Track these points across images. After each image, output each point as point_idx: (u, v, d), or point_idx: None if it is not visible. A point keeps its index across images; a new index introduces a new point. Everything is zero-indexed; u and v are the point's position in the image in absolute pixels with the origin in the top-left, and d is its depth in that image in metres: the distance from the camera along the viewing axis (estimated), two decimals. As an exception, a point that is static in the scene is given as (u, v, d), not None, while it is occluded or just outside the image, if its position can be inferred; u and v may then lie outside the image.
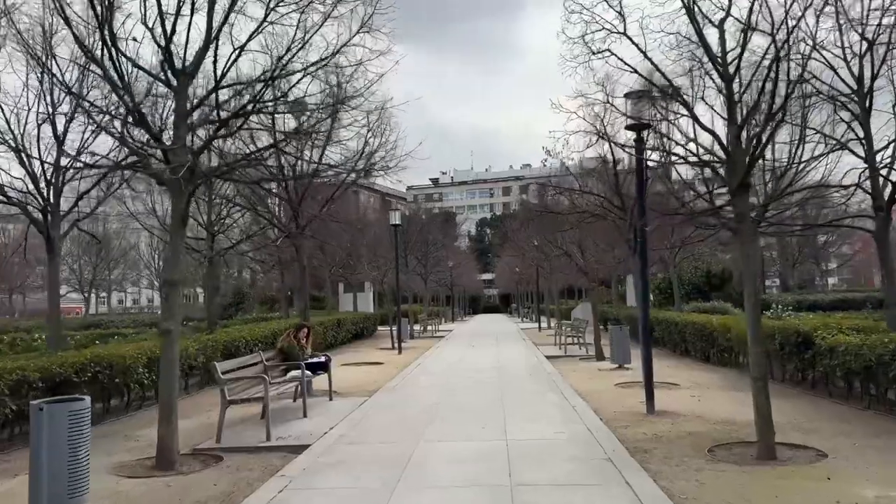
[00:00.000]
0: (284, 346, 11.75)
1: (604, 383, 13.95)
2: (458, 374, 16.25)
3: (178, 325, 8.09)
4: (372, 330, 32.58)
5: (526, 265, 43.31)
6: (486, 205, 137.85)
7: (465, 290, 78.61)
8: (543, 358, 19.71)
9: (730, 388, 12.70)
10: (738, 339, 14.75)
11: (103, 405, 11.18)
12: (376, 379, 15.63)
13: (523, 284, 62.68)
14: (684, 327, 18.43)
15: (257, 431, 9.19)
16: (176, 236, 8.10)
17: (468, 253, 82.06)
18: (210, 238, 16.81)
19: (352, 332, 28.32)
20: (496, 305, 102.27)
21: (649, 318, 11.17)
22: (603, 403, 11.33)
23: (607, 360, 18.45)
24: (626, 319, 26.58)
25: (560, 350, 22.10)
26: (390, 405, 11.64)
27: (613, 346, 16.38)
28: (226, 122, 7.97)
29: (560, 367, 17.32)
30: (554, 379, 14.63)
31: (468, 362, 19.13)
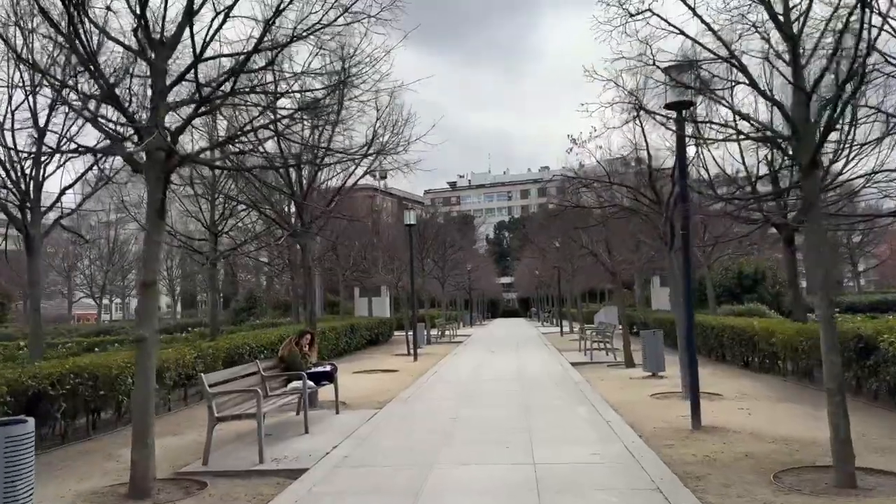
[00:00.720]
0: (285, 355, 10.68)
1: (637, 393, 12.70)
2: (478, 383, 15.08)
3: (154, 332, 7.04)
4: (388, 335, 31.51)
5: (546, 267, 42.03)
6: (504, 208, 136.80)
7: (484, 293, 77.44)
8: (568, 365, 18.47)
9: (781, 399, 11.40)
10: (784, 344, 13.46)
11: (88, 420, 10.18)
12: (389, 388, 14.52)
13: (543, 288, 61.37)
14: (721, 331, 17.11)
15: (252, 451, 8.09)
16: (153, 230, 7.05)
17: (486, 256, 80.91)
18: (213, 239, 15.83)
19: (366, 338, 27.26)
20: (515, 309, 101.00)
21: (692, 324, 9.89)
22: (640, 417, 10.11)
23: (638, 368, 17.17)
24: (654, 323, 25.29)
25: (585, 356, 20.84)
26: (402, 419, 10.50)
27: (646, 352, 15.12)
28: (207, 99, 6.91)
29: (587, 374, 16.09)
30: (582, 389, 13.41)
31: (488, 370, 17.95)
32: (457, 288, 51.36)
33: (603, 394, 12.67)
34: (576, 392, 13.04)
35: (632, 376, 15.29)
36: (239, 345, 14.82)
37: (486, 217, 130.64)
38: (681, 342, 12.52)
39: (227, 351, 14.19)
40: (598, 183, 12.91)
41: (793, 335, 13.00)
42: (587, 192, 13.44)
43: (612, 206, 12.81)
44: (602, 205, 12.90)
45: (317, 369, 10.74)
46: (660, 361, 15.01)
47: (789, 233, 14.69)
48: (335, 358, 22.35)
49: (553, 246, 32.13)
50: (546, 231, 33.39)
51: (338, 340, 22.40)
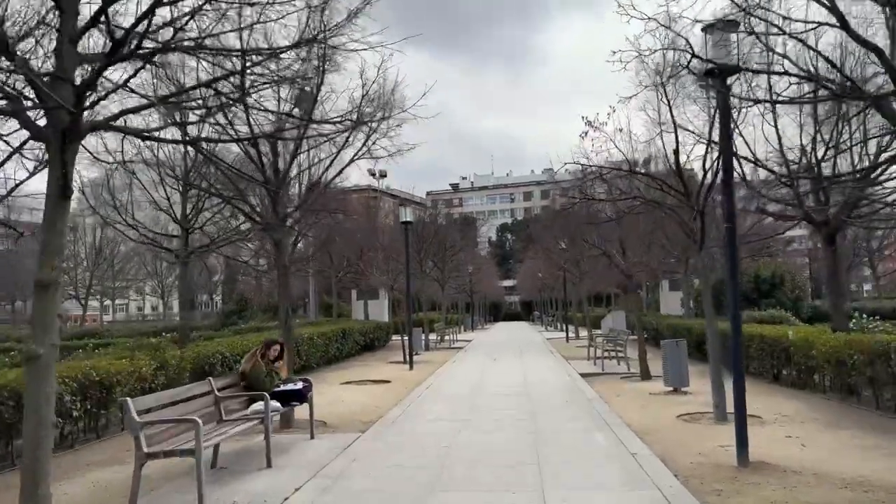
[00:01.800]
0: (247, 370, 9.00)
1: (661, 414, 11.04)
2: (478, 398, 13.40)
3: (53, 347, 5.37)
4: (384, 340, 29.85)
5: (550, 269, 40.36)
6: (506, 210, 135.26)
7: (486, 296, 75.85)
8: (578, 376, 16.79)
9: (832, 424, 9.72)
10: (827, 358, 11.79)
11: (6, 446, 8.54)
12: (378, 404, 12.85)
13: (546, 291, 59.70)
14: (748, 341, 15.39)
15: (193, 495, 6.44)
16: (54, 214, 5.41)
17: (488, 258, 79.30)
18: (184, 235, 14.19)
19: (360, 344, 25.59)
20: (517, 313, 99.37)
21: (740, 333, 8.22)
22: (671, 447, 8.44)
23: (656, 381, 15.50)
24: (667, 330, 23.61)
25: (595, 366, 19.16)
26: (387, 448, 8.84)
27: (667, 364, 13.44)
28: (122, 43, 5.27)
29: (600, 388, 14.42)
30: (597, 407, 11.73)
31: (489, 382, 16.27)
32: (458, 291, 49.70)
33: (622, 414, 11.01)
34: (590, 411, 11.36)
35: (651, 391, 13.61)
36: (210, 354, 13.18)
37: (489, 219, 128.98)
38: (712, 354, 10.87)
39: (194, 361, 12.56)
40: (616, 172, 11.24)
41: (840, 347, 11.32)
42: (602, 184, 11.77)
43: (633, 198, 11.14)
44: (620, 197, 11.24)
45: (286, 387, 9.07)
46: (683, 375, 13.33)
47: (831, 230, 13.00)
48: (325, 366, 20.73)
49: (559, 247, 30.46)
50: (551, 231, 31.71)
51: (328, 347, 20.74)
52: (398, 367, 20.63)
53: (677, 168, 10.85)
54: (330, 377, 17.99)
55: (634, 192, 11.35)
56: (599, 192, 12.02)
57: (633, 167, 11.08)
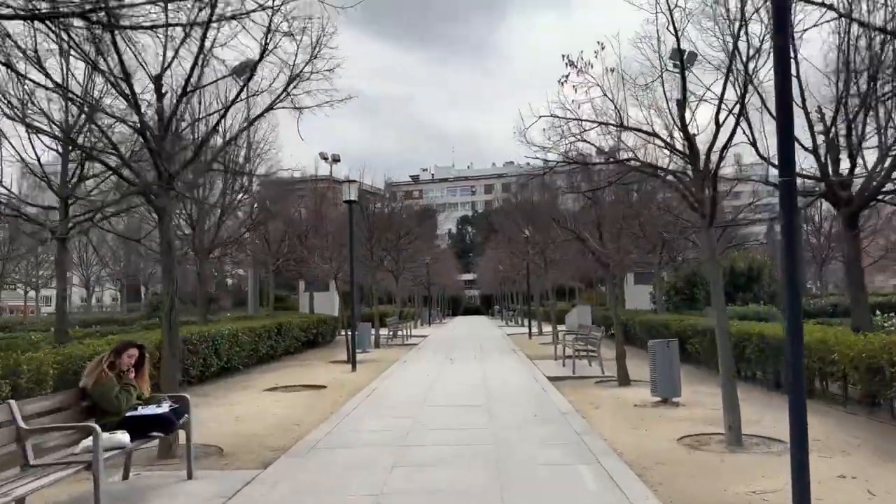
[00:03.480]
0: (89, 386, 6.28)
1: (658, 435, 8.68)
2: (427, 412, 10.86)
3: None
4: (330, 336, 27.10)
5: (512, 261, 38.12)
6: (467, 203, 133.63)
7: (445, 290, 73.55)
8: (546, 381, 14.42)
9: (887, 454, 7.46)
10: (853, 363, 9.63)
11: None
12: (301, 419, 10.24)
13: (507, 284, 57.61)
14: (743, 341, 13.21)
15: None
16: None
17: (448, 251, 77.00)
18: (63, 207, 11.30)
19: (301, 340, 22.84)
20: (477, 307, 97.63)
21: (801, 339, 5.77)
22: (685, 491, 6.07)
23: (636, 387, 13.25)
24: (641, 327, 21.48)
25: (564, 367, 16.85)
26: (290, 496, 6.24)
27: (656, 370, 11.12)
28: None
29: (574, 397, 12.06)
30: (574, 426, 9.31)
31: (443, 389, 13.76)
32: (415, 283, 47.17)
33: (607, 435, 8.62)
34: (567, 432, 8.93)
35: (635, 402, 11.27)
36: (85, 356, 10.32)
37: (449, 212, 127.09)
38: (724, 360, 8.54)
39: (60, 366, 9.73)
40: (603, 127, 8.80)
41: (875, 351, 9.13)
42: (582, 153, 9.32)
43: (627, 161, 8.72)
44: (610, 159, 8.82)
45: (145, 411, 6.36)
46: (675, 384, 11.04)
47: (853, 209, 10.83)
48: (254, 368, 17.97)
49: (522, 235, 28.16)
50: (515, 218, 29.42)
51: (257, 345, 17.96)
52: (340, 367, 18.00)
53: (682, 121, 8.49)
54: (254, 381, 15.26)
55: (626, 156, 8.94)
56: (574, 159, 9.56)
57: (624, 120, 8.68)
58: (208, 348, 14.90)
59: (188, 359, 13.83)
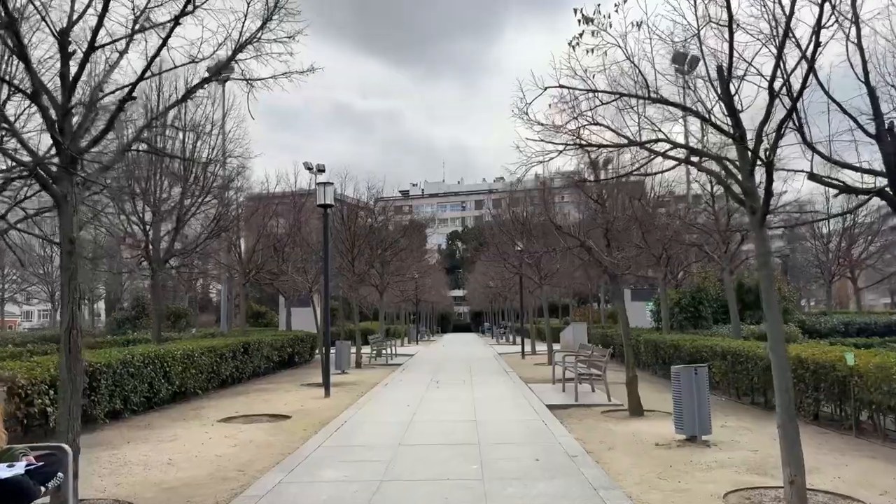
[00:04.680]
0: None
1: (696, 491, 6.79)
2: (404, 459, 8.88)
3: None
4: (308, 355, 25.03)
5: (504, 277, 36.28)
6: (457, 218, 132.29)
7: (434, 306, 71.56)
8: (545, 410, 12.49)
9: None
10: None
11: None
12: (245, 465, 8.27)
13: (499, 301, 55.72)
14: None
15: None
16: None
17: (437, 267, 75.15)
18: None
19: (274, 360, 20.79)
20: (467, 324, 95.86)
21: None
22: None
23: (651, 418, 11.37)
24: (646, 347, 19.61)
25: (564, 393, 14.94)
26: None
27: (681, 402, 9.22)
28: None
29: (581, 433, 10.14)
30: (589, 477, 7.38)
31: (426, 422, 11.78)
32: (402, 299, 45.15)
33: (634, 493, 6.71)
34: (582, 489, 6.99)
35: (657, 441, 9.36)
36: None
37: (439, 227, 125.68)
38: (782, 395, 6.64)
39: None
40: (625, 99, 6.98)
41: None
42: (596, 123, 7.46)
43: (655, 142, 6.89)
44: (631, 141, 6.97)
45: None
46: (705, 419, 9.14)
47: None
48: (214, 392, 15.96)
49: (516, 248, 26.31)
50: (507, 230, 27.59)
51: (218, 367, 15.93)
52: (313, 392, 16.00)
53: (725, 91, 6.69)
54: (209, 410, 13.24)
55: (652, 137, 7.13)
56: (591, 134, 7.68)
57: (651, 91, 6.87)
58: (156, 371, 12.89)
59: (127, 384, 11.82)
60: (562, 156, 7.98)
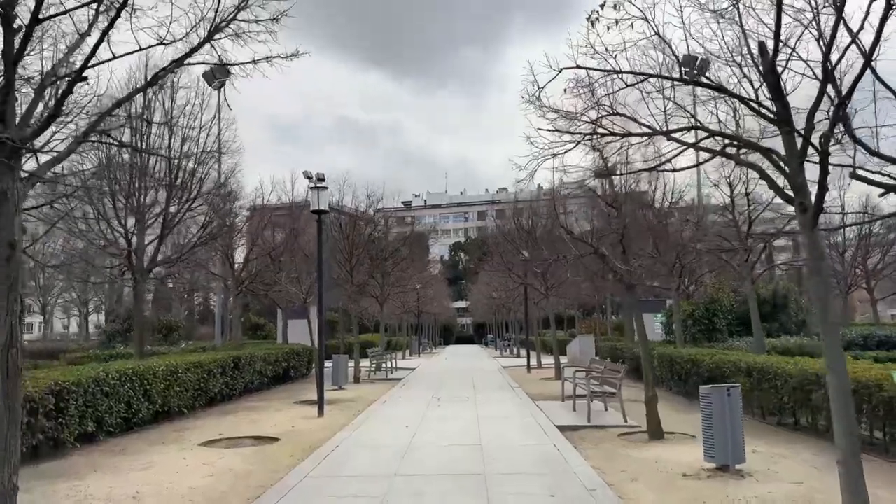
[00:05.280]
0: None
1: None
2: (399, 493, 7.87)
3: None
4: (305, 370, 24.02)
5: (510, 285, 35.31)
6: (460, 229, 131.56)
7: (437, 318, 70.56)
8: (556, 432, 11.48)
9: None
10: None
11: None
12: (214, 502, 7.28)
13: (502, 312, 54.68)
14: (808, 384, 10.31)
15: None
16: None
17: (440, 278, 74.24)
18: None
19: (268, 375, 19.80)
20: (470, 336, 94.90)
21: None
22: None
23: (671, 442, 10.38)
24: (660, 361, 18.56)
25: (575, 412, 13.93)
26: None
27: (712, 426, 8.21)
28: None
29: (598, 460, 9.14)
30: (613, 517, 6.38)
31: (426, 448, 10.77)
32: (404, 310, 44.19)
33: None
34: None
35: (685, 471, 8.35)
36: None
37: (442, 238, 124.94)
38: (844, 427, 5.65)
39: None
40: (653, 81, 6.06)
41: None
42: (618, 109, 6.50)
43: (687, 129, 5.95)
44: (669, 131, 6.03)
45: None
46: (738, 446, 8.14)
47: None
48: (202, 410, 15.01)
49: (520, 258, 25.37)
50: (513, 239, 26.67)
51: (205, 383, 14.96)
52: (306, 410, 15.01)
53: (770, 71, 5.75)
54: (192, 431, 12.25)
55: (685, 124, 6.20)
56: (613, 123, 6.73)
57: (684, 70, 5.95)
58: (134, 390, 11.92)
59: (101, 404, 10.86)
60: (576, 151, 7.06)
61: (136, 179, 14.74)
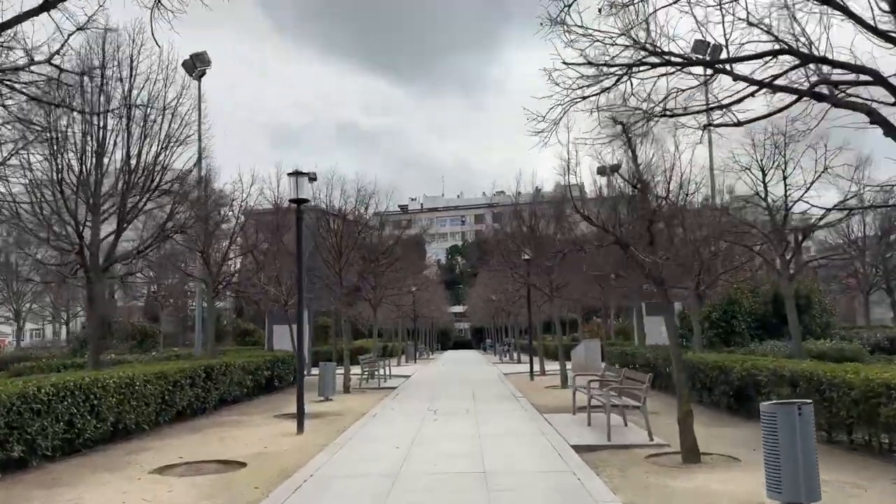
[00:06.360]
0: None
1: None
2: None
3: None
4: (291, 378, 22.22)
5: (507, 290, 33.67)
6: (457, 233, 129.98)
7: (434, 322, 68.72)
8: (572, 454, 9.75)
9: None
10: None
11: None
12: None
13: (501, 316, 52.95)
14: (870, 395, 8.61)
15: None
16: None
17: (437, 280, 72.49)
18: None
19: (248, 385, 18.04)
20: (468, 340, 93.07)
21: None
22: None
23: (711, 467, 8.66)
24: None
25: (590, 427, 12.21)
26: None
27: (781, 455, 6.48)
28: None
29: (631, 494, 7.42)
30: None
31: (417, 477, 9.01)
32: (399, 314, 42.37)
33: None
34: None
35: (745, 510, 6.63)
36: None
37: (439, 241, 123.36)
38: None
39: None
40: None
41: None
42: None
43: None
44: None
45: None
46: (812, 478, 6.42)
47: None
48: (168, 426, 13.27)
49: (523, 257, 23.69)
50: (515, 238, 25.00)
51: (170, 396, 13.20)
52: (285, 426, 13.28)
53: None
54: (147, 454, 10.51)
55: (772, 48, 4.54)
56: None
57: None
58: (77, 406, 10.17)
59: (31, 424, 9.12)
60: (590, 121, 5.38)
61: (88, 160, 12.94)
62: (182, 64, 24.48)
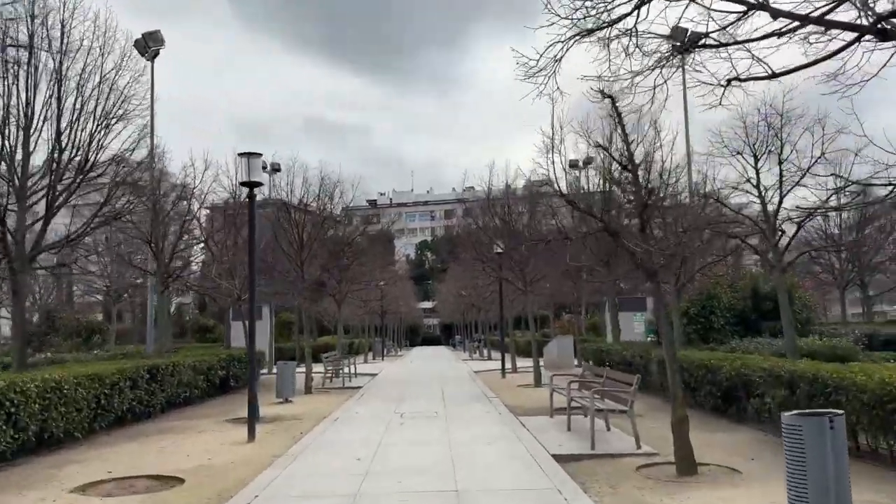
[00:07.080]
0: None
1: None
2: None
3: None
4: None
5: (479, 284, 32.66)
6: (426, 228, 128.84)
7: (403, 318, 67.55)
8: (554, 466, 8.72)
9: None
10: None
11: None
12: None
13: (472, 312, 52.00)
14: (890, 400, 7.76)
15: None
16: None
17: (406, 277, 71.29)
18: None
19: (200, 386, 16.70)
20: (437, 336, 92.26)
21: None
22: None
23: (711, 481, 7.72)
24: (659, 367, 15.97)
25: (569, 430, 11.24)
26: None
27: (808, 474, 5.51)
28: None
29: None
30: None
31: (381, 496, 7.90)
32: (367, 311, 41.07)
33: None
34: None
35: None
36: None
37: (408, 237, 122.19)
38: None
39: None
40: None
41: None
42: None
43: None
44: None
45: None
46: (844, 500, 5.46)
47: None
48: (105, 433, 11.96)
49: (495, 251, 22.68)
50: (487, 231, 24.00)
51: (107, 401, 11.84)
52: (235, 432, 12.03)
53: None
54: (72, 467, 9.21)
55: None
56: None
57: None
58: (-12, 414, 8.83)
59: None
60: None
61: (12, 136, 11.46)
62: (134, 43, 22.89)
